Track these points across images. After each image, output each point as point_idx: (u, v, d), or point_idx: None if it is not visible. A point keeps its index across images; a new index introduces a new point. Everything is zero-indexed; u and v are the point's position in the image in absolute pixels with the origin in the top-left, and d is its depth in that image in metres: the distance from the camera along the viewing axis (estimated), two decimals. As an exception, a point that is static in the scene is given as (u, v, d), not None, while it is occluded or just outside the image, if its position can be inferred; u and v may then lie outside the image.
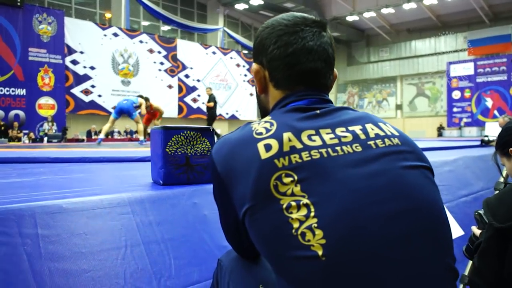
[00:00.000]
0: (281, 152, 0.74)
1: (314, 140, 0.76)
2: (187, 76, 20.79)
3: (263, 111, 0.97)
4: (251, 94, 23.98)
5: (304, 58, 0.84)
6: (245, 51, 23.93)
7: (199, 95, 21.25)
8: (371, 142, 0.78)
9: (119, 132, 17.59)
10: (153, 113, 9.86)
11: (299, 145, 0.75)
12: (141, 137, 8.53)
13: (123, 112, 8.54)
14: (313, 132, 0.77)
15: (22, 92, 15.43)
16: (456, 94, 25.32)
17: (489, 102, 24.31)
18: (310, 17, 0.89)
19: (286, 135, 0.76)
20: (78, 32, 16.97)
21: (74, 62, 16.90)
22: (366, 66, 29.21)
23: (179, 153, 1.60)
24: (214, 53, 22.08)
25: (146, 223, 1.32)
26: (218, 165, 0.81)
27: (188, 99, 20.80)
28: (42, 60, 15.85)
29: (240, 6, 22.68)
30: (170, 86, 20.02)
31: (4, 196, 1.32)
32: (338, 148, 0.76)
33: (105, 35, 17.77)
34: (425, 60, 26.87)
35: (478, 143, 6.69)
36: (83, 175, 2.12)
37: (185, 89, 20.70)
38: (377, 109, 29.31)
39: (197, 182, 1.62)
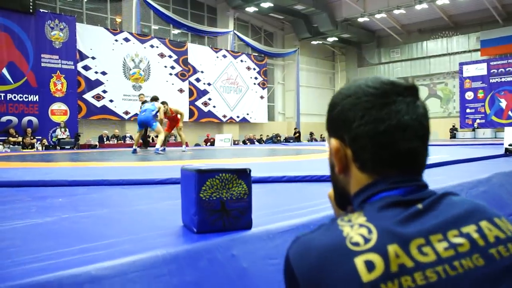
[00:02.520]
0: (388, 273, 0.59)
1: (426, 254, 0.61)
2: (198, 79, 20.75)
3: (341, 193, 0.81)
4: (261, 97, 23.88)
5: (399, 136, 0.69)
6: (255, 54, 23.83)
7: (210, 99, 21.21)
8: (493, 251, 0.63)
9: (131, 137, 17.56)
10: (173, 117, 9.74)
11: (409, 263, 0.60)
12: (158, 145, 8.42)
13: (144, 124, 8.61)
14: (422, 241, 0.62)
15: (35, 98, 15.48)
16: (469, 95, 24.97)
17: (503, 103, 23.93)
18: (400, 82, 0.74)
19: (392, 249, 0.61)
20: (90, 37, 17.00)
21: (86, 67, 16.93)
22: (377, 67, 28.93)
23: (214, 198, 1.49)
24: (224, 56, 22.02)
25: (184, 284, 1.21)
26: (300, 278, 0.65)
27: (199, 103, 20.77)
28: (55, 66, 15.90)
29: (250, 9, 22.57)
30: (181, 90, 20.00)
31: (27, 256, 1.21)
32: (456, 263, 0.61)
33: (116, 40, 17.78)
34: (437, 61, 26.55)
35: (497, 146, 6.50)
36: (106, 211, 2.01)
37: (196, 93, 20.66)
38: (388, 111, 29.03)
39: (233, 228, 1.50)
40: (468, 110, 24.91)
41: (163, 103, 9.18)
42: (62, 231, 1.59)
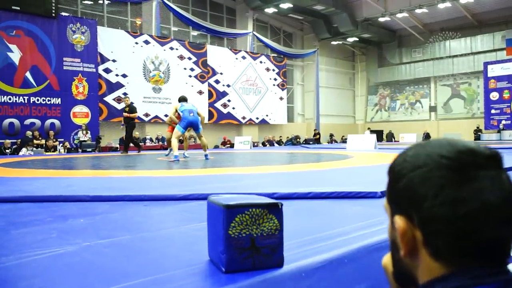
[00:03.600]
0: None
1: None
2: (217, 81, 20.74)
3: (403, 273, 0.68)
4: (281, 98, 23.75)
5: (483, 222, 0.57)
6: (275, 55, 23.70)
7: (229, 100, 21.18)
8: None
9: (151, 139, 17.66)
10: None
11: None
12: (207, 152, 8.28)
13: (192, 126, 7.97)
14: None
15: (58, 101, 15.68)
16: (494, 96, 24.36)
17: (530, 104, 23.33)
18: (480, 150, 0.60)
19: None
20: (110, 40, 17.15)
21: (107, 70, 17.08)
22: (398, 67, 28.48)
23: (244, 234, 1.39)
24: (243, 57, 21.96)
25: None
26: None
27: (218, 105, 20.76)
28: (76, 69, 16.09)
29: (269, 10, 22.46)
30: (200, 92, 20.01)
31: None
32: None
33: (136, 43, 17.90)
34: (460, 60, 25.95)
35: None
36: (128, 237, 1.93)
37: (215, 95, 20.66)
38: (410, 111, 28.58)
39: (264, 267, 1.41)
40: (493, 111, 24.29)
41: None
42: (82, 267, 1.51)
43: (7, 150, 13.59)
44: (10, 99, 14.59)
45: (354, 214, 2.44)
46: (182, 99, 8.30)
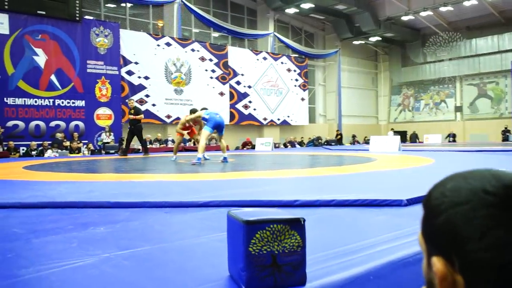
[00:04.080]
0: None
1: None
2: (238, 82, 20.76)
3: None
4: (302, 99, 23.62)
5: None
6: (296, 55, 23.58)
7: (250, 102, 21.17)
8: None
9: (172, 141, 17.78)
10: (189, 127, 9.70)
11: None
12: (225, 154, 8.32)
13: (218, 127, 7.97)
14: None
15: (82, 103, 15.95)
16: (523, 95, 23.69)
17: (560, 103, 22.58)
18: None
19: None
20: (133, 43, 17.35)
21: (129, 72, 17.29)
22: (422, 67, 27.96)
23: (264, 251, 1.34)
24: (264, 58, 21.92)
25: None
26: None
27: (239, 106, 20.76)
28: (100, 72, 16.33)
29: (290, 10, 22.36)
30: (221, 93, 20.06)
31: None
32: None
33: (158, 45, 18.06)
34: (487, 59, 25.32)
35: None
36: (147, 248, 1.91)
37: (237, 96, 20.67)
38: (434, 111, 28.02)
39: (285, 285, 1.35)
40: (521, 111, 23.62)
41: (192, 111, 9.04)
42: (101, 281, 1.49)
43: (33, 152, 13.88)
44: (36, 101, 14.90)
45: (379, 225, 2.37)
46: (204, 109, 8.53)
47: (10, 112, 14.42)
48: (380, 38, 26.24)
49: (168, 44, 18.35)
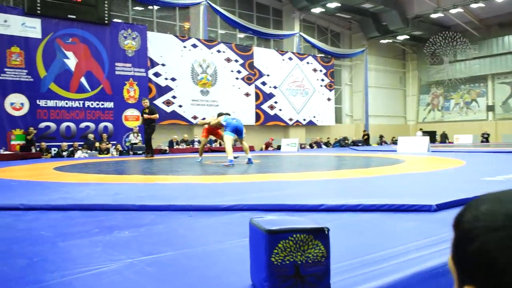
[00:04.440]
0: None
1: None
2: (263, 83, 20.75)
3: None
4: (328, 99, 23.41)
5: None
6: (322, 55, 23.39)
7: (276, 102, 21.13)
8: None
9: (199, 142, 17.91)
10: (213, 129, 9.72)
11: None
12: (250, 155, 8.41)
13: (237, 131, 8.28)
14: None
15: (110, 105, 16.26)
16: (559, 93, 22.79)
17: None
18: None
19: None
20: (160, 45, 17.57)
21: (157, 74, 17.52)
22: (452, 65, 27.25)
23: (287, 262, 1.31)
24: (290, 59, 21.83)
25: None
26: None
27: (265, 106, 20.75)
28: (128, 74, 16.62)
29: (316, 10, 22.20)
30: (247, 94, 20.10)
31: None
32: None
33: (184, 47, 18.23)
34: (520, 57, 24.51)
35: None
36: (170, 253, 1.90)
37: (262, 96, 20.67)
38: (465, 111, 27.30)
39: (309, 296, 1.32)
40: (557, 110, 22.74)
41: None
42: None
43: (64, 153, 14.23)
44: (66, 103, 15.28)
45: (407, 232, 2.29)
46: (221, 114, 8.87)
47: (42, 114, 14.84)
48: (408, 37, 25.76)
49: (194, 46, 18.51)
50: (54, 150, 14.73)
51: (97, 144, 15.08)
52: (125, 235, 2.29)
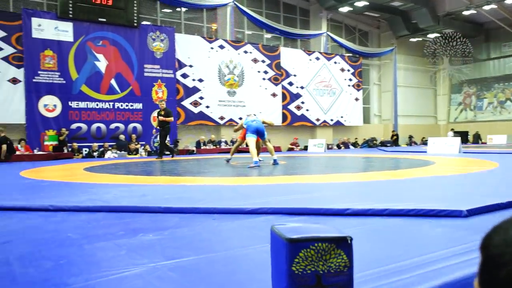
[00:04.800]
0: None
1: None
2: (290, 83, 20.67)
3: None
4: (356, 99, 23.12)
5: None
6: (350, 55, 23.11)
7: (303, 102, 21.02)
8: None
9: (226, 142, 18.02)
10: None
11: None
12: (275, 156, 8.40)
13: (258, 132, 8.36)
14: None
15: (139, 106, 16.54)
16: None
17: None
18: None
19: None
20: (187, 46, 17.75)
21: (184, 75, 17.70)
22: (485, 63, 26.49)
23: (309, 271, 1.28)
24: (317, 58, 21.67)
25: None
26: None
27: (292, 107, 20.66)
28: (156, 75, 16.87)
29: (344, 9, 21.94)
30: (274, 95, 20.06)
31: None
32: None
33: (211, 48, 18.36)
34: (558, 54, 23.56)
35: None
36: (193, 258, 1.90)
37: (289, 97, 20.59)
38: (499, 110, 26.44)
39: (331, 307, 1.29)
40: None
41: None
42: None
43: (94, 153, 14.56)
44: (97, 105, 15.63)
45: (435, 239, 2.22)
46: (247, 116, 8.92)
47: (74, 115, 15.22)
48: (438, 35, 25.14)
49: (221, 47, 18.62)
50: (85, 151, 15.09)
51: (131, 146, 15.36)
52: (149, 238, 2.30)
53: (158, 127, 12.21)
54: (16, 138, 13.66)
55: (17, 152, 12.92)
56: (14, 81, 14.27)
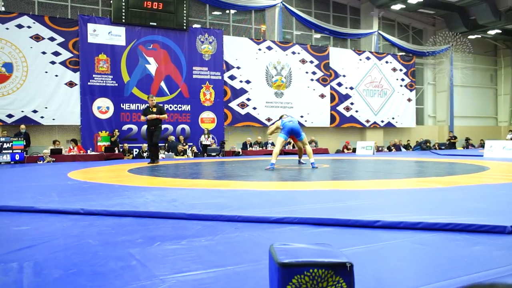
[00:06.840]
0: None
1: None
2: (339, 84, 20.27)
3: None
4: (409, 100, 22.28)
5: None
6: (402, 54, 22.31)
7: (352, 103, 20.54)
8: None
9: (272, 144, 17.93)
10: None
11: None
12: (312, 159, 8.25)
13: (293, 133, 8.29)
14: None
15: (187, 107, 16.85)
16: None
17: None
18: None
19: None
20: (235, 48, 17.87)
21: (232, 77, 17.83)
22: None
23: (302, 300, 1.16)
24: (368, 58, 21.10)
25: None
26: None
27: (340, 108, 20.26)
28: (204, 77, 17.11)
29: (396, 7, 21.20)
30: (322, 96, 19.76)
31: None
32: None
33: (259, 49, 18.36)
34: None
35: None
36: (202, 271, 1.83)
37: (338, 98, 20.20)
38: None
39: None
40: None
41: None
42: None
43: (144, 154, 14.97)
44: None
45: (474, 258, 2.00)
46: (281, 117, 8.72)
47: (125, 116, 15.75)
48: (500, 31, 23.70)
49: (269, 48, 18.58)
50: (135, 151, 15.56)
51: (181, 147, 15.67)
52: (164, 248, 2.26)
53: (151, 127, 10.55)
54: (68, 139, 14.54)
55: (71, 152, 13.55)
56: (71, 84, 14.98)
